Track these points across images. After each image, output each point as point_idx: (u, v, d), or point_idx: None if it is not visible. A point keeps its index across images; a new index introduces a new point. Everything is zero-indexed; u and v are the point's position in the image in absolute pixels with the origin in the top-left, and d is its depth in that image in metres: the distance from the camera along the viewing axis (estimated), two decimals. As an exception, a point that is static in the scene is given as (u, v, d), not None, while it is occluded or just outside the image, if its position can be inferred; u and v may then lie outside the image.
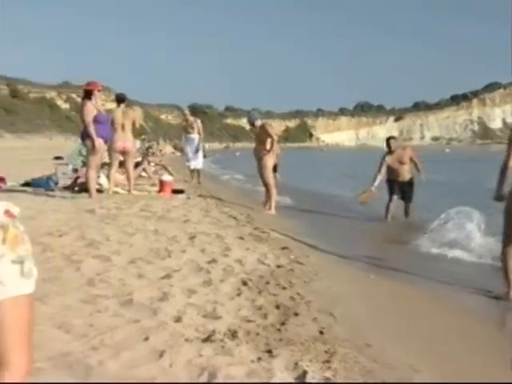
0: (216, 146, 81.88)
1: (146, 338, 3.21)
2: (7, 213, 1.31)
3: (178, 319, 3.58)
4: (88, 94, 10.09)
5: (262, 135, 10.69)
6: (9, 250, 1.29)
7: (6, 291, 1.28)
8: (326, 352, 3.11)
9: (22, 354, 1.30)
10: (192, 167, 15.62)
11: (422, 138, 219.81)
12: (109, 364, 2.83)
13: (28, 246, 1.34)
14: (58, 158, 22.49)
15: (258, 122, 10.88)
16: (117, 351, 3.00)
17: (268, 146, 10.58)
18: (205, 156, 16.88)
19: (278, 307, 3.99)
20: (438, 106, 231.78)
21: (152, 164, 17.77)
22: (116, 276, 4.61)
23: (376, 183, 10.42)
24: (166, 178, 12.57)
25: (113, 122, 10.79)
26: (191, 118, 15.47)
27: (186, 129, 15.35)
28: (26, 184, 11.88)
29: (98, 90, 10.18)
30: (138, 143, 16.03)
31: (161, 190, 11.74)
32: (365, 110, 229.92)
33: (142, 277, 4.65)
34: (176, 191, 11.91)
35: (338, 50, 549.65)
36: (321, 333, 3.48)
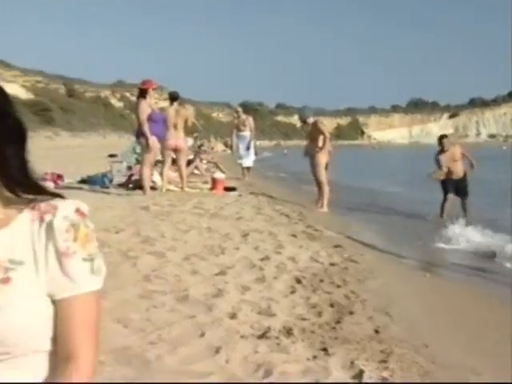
0: (266, 143, 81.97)
1: (202, 334, 3.25)
2: (78, 211, 1.34)
3: (232, 316, 3.61)
4: (143, 93, 10.26)
5: (314, 133, 10.64)
6: (80, 247, 1.32)
7: (77, 288, 1.32)
8: (382, 352, 3.08)
9: (90, 349, 1.33)
10: (244, 165, 15.69)
11: (478, 135, 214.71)
12: (166, 359, 2.88)
13: (96, 244, 1.37)
14: (112, 155, 22.93)
15: (311, 120, 10.84)
16: (174, 346, 3.05)
17: (320, 144, 10.52)
18: (256, 154, 16.93)
19: (332, 305, 3.97)
20: (495, 102, 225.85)
21: (204, 161, 17.95)
22: (171, 272, 4.68)
23: (445, 169, 10.22)
24: (219, 175, 12.68)
25: (166, 120, 10.93)
26: (244, 116, 15.56)
27: (238, 126, 15.43)
28: (83, 181, 12.17)
29: (153, 89, 10.35)
30: (190, 141, 16.17)
31: (213, 188, 11.84)
32: (418, 106, 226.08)
33: (197, 273, 4.71)
34: (228, 189, 12.00)
35: (391, 46, 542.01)
36: (376, 332, 3.45)
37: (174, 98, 11.56)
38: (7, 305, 1.27)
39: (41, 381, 1.33)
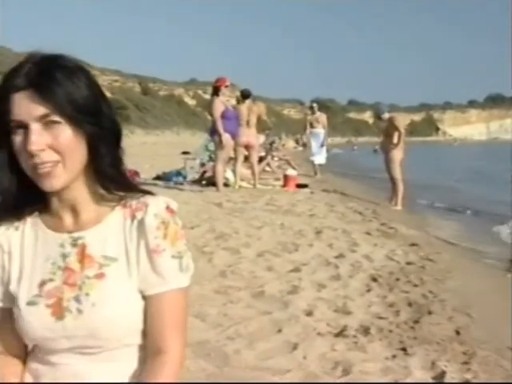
0: (338, 140, 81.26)
1: (279, 330, 3.26)
2: (168, 209, 1.36)
3: (309, 313, 3.60)
4: (216, 91, 10.38)
5: (389, 129, 10.46)
6: (169, 245, 1.33)
7: (166, 285, 1.35)
8: (464, 353, 3.00)
9: (178, 345, 1.36)
10: (316, 162, 15.62)
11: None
12: (244, 353, 2.91)
13: (185, 241, 1.39)
14: (185, 152, 23.31)
15: (386, 115, 10.66)
16: (251, 341, 3.08)
17: (395, 140, 10.34)
18: (328, 151, 16.82)
19: (410, 305, 3.90)
20: None
21: (276, 159, 17.99)
22: (246, 268, 4.72)
23: None
24: (291, 172, 12.68)
25: (238, 118, 11.01)
26: (318, 113, 15.48)
27: (312, 123, 15.36)
28: (157, 178, 12.45)
29: (226, 86, 10.45)
30: (262, 138, 16.22)
31: (285, 185, 11.85)
32: (497, 102, 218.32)
33: (272, 269, 4.73)
34: (300, 186, 11.98)
35: (467, 41, 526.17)
36: (457, 333, 3.36)
37: (246, 95, 11.63)
38: (101, 300, 1.30)
39: (131, 373, 1.37)
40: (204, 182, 11.83)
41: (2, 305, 1.38)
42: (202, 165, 14.49)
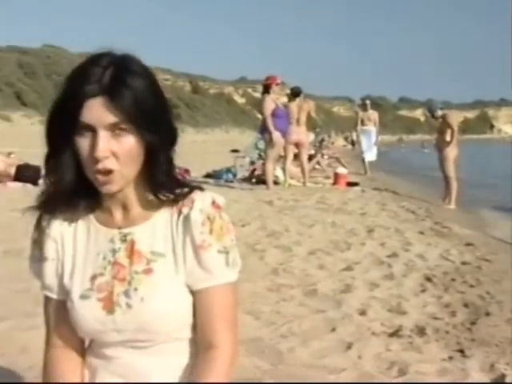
0: (388, 138, 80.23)
1: (333, 329, 3.25)
2: (214, 204, 1.36)
3: (362, 312, 3.58)
4: (267, 89, 10.39)
5: (442, 126, 10.27)
6: (215, 240, 1.34)
7: (213, 280, 1.35)
8: (524, 356, 2.92)
9: (229, 339, 1.37)
10: (366, 159, 15.46)
11: None
12: (298, 352, 2.91)
13: (233, 236, 1.39)
14: (234, 151, 23.43)
15: (439, 113, 10.47)
16: (305, 340, 3.07)
17: (448, 138, 10.14)
18: (378, 149, 16.60)
19: (466, 306, 3.82)
20: None
21: (325, 157, 17.90)
22: (298, 266, 4.71)
23: None
24: (341, 170, 12.59)
25: (289, 116, 10.99)
26: (370, 110, 15.30)
27: (363, 120, 15.20)
28: (208, 176, 12.56)
29: (277, 84, 10.46)
30: (311, 136, 16.16)
31: (335, 183, 11.79)
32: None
33: (324, 268, 4.71)
34: (351, 184, 11.88)
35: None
36: (516, 336, 3.27)
37: (296, 93, 11.60)
38: (150, 294, 1.32)
39: (183, 367, 1.38)
40: (254, 180, 11.87)
41: (57, 297, 1.42)
42: (252, 163, 14.54)
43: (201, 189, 1.39)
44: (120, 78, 1.23)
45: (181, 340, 1.38)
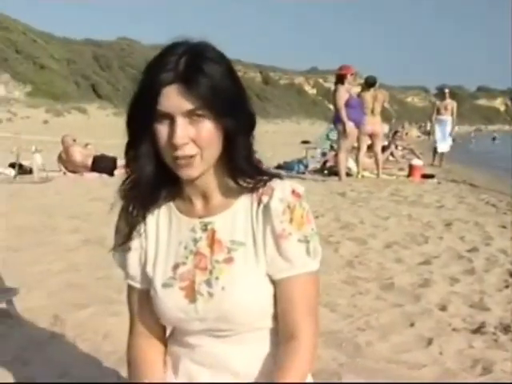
0: (465, 128, 77.82)
1: (412, 324, 3.19)
2: (294, 192, 1.36)
3: (442, 307, 3.50)
4: (341, 79, 10.28)
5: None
6: (295, 229, 1.33)
7: (293, 269, 1.35)
8: None
9: (310, 329, 1.36)
10: (439, 150, 15.04)
11: None
12: (377, 346, 2.88)
13: (313, 225, 1.38)
14: (305, 142, 23.38)
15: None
16: (383, 334, 3.03)
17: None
18: (454, 140, 16.12)
19: (553, 303, 3.67)
20: None
21: (399, 148, 17.56)
22: (374, 259, 4.66)
23: None
24: (416, 162, 12.32)
25: (363, 106, 10.84)
26: (449, 99, 14.85)
27: (439, 109, 14.78)
28: (279, 167, 12.56)
29: (351, 74, 10.34)
30: (386, 127, 15.86)
31: (410, 175, 11.55)
32: None
33: (400, 261, 4.63)
34: (426, 176, 11.62)
35: None
36: None
37: (371, 83, 11.42)
38: (231, 283, 1.33)
39: (264, 356, 1.39)
40: (325, 172, 11.81)
41: (140, 286, 1.45)
42: (323, 154, 14.46)
43: (280, 177, 1.39)
44: (195, 65, 1.24)
45: (262, 329, 1.39)
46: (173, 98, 1.24)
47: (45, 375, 2.54)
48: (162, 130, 1.27)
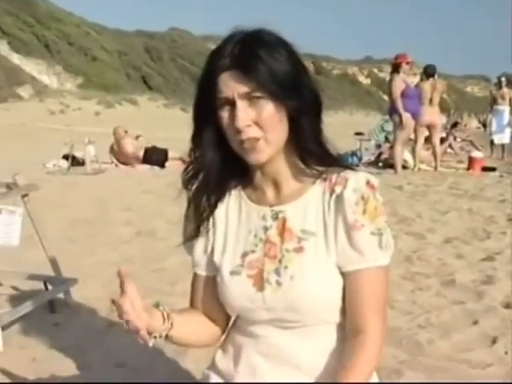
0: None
1: (475, 322, 3.13)
2: (368, 184, 1.36)
3: (507, 305, 3.41)
4: (397, 68, 10.13)
5: None
6: (368, 221, 1.33)
7: (364, 262, 1.34)
8: None
9: (378, 323, 1.35)
10: (496, 141, 14.63)
11: None
12: (438, 344, 2.83)
13: (385, 218, 1.37)
14: (358, 133, 23.16)
15: None
16: (445, 332, 2.99)
17: None
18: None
19: None
20: None
21: (458, 140, 17.20)
22: (433, 254, 4.59)
23: None
24: (476, 154, 12.04)
25: (420, 96, 10.65)
26: (505, 89, 14.45)
27: (496, 99, 14.39)
28: (332, 159, 12.47)
29: (407, 63, 10.17)
30: (444, 118, 15.54)
31: (470, 168, 11.29)
32: None
33: (461, 257, 4.55)
34: (487, 169, 11.34)
35: None
36: None
37: (430, 72, 11.18)
38: (300, 273, 1.33)
39: (329, 351, 1.38)
40: (380, 164, 11.67)
41: (205, 274, 1.48)
42: (378, 146, 14.29)
43: (352, 169, 1.39)
44: (250, 50, 1.28)
45: (329, 323, 1.38)
46: (230, 83, 1.28)
47: (102, 364, 2.61)
48: (225, 116, 1.30)
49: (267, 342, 1.40)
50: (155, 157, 10.83)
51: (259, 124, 1.29)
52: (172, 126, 19.84)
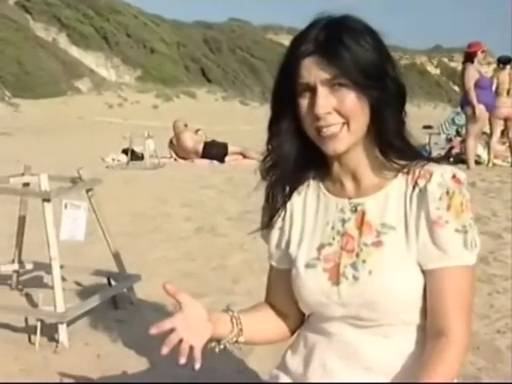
0: None
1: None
2: (454, 178, 1.33)
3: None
4: (470, 57, 9.89)
5: None
6: (453, 217, 1.30)
7: (448, 260, 1.31)
8: None
9: (462, 326, 1.32)
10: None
11: None
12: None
13: (472, 215, 1.34)
14: (427, 127, 22.72)
15: None
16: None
17: None
18: None
19: None
20: None
21: (537, 133, 16.65)
22: (511, 255, 4.46)
23: None
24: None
25: (497, 87, 10.36)
26: None
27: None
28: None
29: (482, 52, 9.91)
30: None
31: (547, 163, 10.93)
32: None
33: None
34: None
35: None
36: None
37: (506, 61, 10.86)
38: (379, 268, 1.32)
39: (407, 353, 1.36)
40: (451, 159, 11.42)
41: (277, 265, 1.49)
42: (449, 140, 14.01)
43: (437, 162, 1.37)
44: (335, 36, 1.28)
45: (408, 324, 1.36)
46: (312, 69, 1.28)
47: (167, 362, 2.64)
48: (304, 102, 1.31)
49: (340, 340, 1.38)
50: (215, 151, 10.91)
51: (340, 112, 1.29)
52: (230, 120, 19.95)
